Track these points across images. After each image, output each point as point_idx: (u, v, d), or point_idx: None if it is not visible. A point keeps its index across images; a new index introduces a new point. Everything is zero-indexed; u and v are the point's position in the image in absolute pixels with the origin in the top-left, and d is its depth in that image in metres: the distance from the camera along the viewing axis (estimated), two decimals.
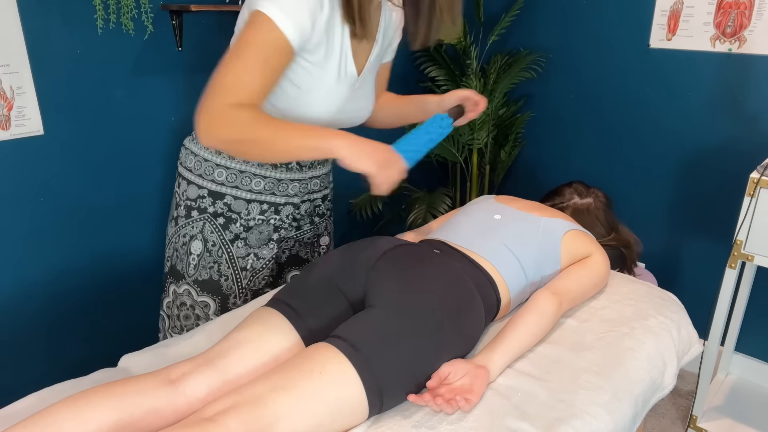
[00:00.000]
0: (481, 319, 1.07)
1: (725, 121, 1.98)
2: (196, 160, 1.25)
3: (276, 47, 1.02)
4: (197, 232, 1.26)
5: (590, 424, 0.94)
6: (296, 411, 0.82)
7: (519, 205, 1.35)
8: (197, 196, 1.25)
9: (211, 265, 1.28)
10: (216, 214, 1.25)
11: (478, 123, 2.31)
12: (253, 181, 1.25)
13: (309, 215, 1.38)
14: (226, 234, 1.26)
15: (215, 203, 1.25)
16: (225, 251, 1.27)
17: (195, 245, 1.27)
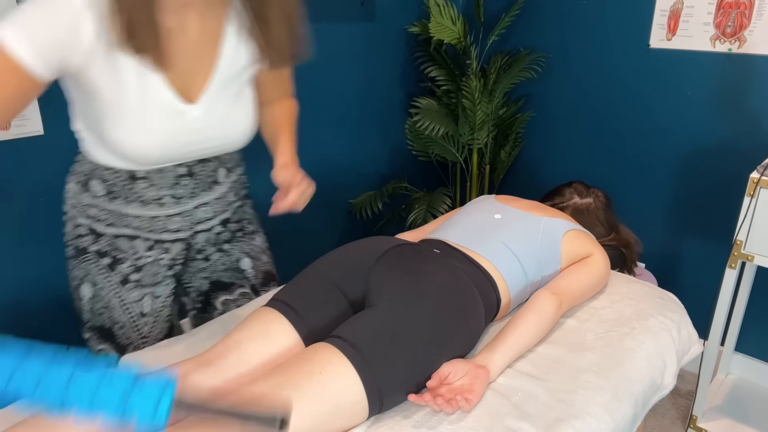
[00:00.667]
0: (481, 319, 1.07)
1: (725, 121, 1.98)
2: (73, 195, 1.12)
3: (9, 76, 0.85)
4: (84, 274, 1.13)
5: (590, 424, 0.94)
6: (296, 411, 0.82)
7: (519, 204, 1.35)
8: (77, 235, 1.13)
9: (102, 311, 1.14)
10: (100, 253, 1.11)
11: (478, 123, 2.31)
12: (126, 218, 1.11)
13: (212, 245, 1.23)
14: (114, 276, 1.12)
15: (97, 241, 1.11)
16: (114, 296, 1.13)
17: (84, 289, 1.14)
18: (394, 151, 2.56)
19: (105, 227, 1.11)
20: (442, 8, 2.21)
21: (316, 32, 2.06)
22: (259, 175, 1.55)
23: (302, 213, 2.36)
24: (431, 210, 2.30)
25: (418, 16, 2.42)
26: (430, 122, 2.34)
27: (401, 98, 2.51)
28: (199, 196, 1.15)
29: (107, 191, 1.08)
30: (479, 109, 2.28)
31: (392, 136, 2.52)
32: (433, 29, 2.18)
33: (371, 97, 2.38)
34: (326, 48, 2.11)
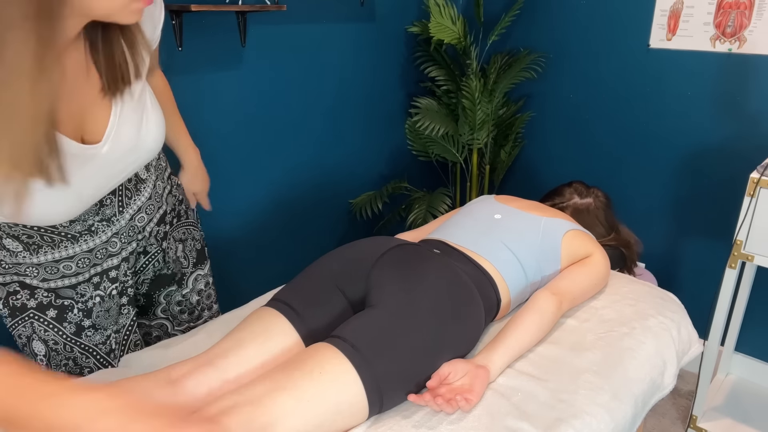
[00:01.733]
0: (481, 319, 1.07)
1: (725, 121, 1.98)
2: None
3: None
4: (30, 332, 1.01)
5: (590, 424, 0.94)
6: (296, 411, 0.82)
7: (519, 204, 1.35)
8: (7, 294, 0.99)
9: (65, 362, 1.04)
10: (41, 307, 0.99)
11: (478, 123, 2.31)
12: (60, 266, 0.98)
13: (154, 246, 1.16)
14: (66, 327, 1.01)
15: (34, 294, 0.98)
16: (75, 346, 1.03)
17: (36, 346, 1.02)
18: (394, 151, 2.56)
19: (36, 281, 0.98)
20: (442, 8, 2.21)
21: (316, 32, 2.06)
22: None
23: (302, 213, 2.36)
24: (431, 210, 2.30)
25: (418, 16, 2.42)
26: (430, 122, 2.34)
27: (401, 98, 2.51)
28: (129, 206, 1.04)
29: (26, 246, 0.93)
30: (479, 109, 2.28)
31: (392, 136, 2.52)
32: (433, 29, 2.18)
33: (371, 97, 2.38)
34: (326, 48, 2.11)
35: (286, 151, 2.10)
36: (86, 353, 1.05)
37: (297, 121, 2.09)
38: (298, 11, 1.96)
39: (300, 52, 2.03)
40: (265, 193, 2.09)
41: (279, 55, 1.97)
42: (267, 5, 1.74)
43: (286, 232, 2.20)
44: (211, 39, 1.77)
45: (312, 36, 2.05)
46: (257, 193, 2.06)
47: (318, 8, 2.03)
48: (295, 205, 2.20)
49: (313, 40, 2.06)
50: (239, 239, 2.04)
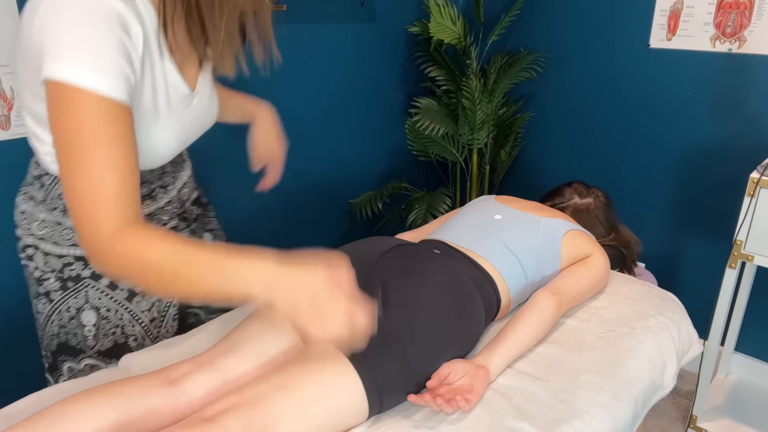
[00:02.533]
0: (481, 319, 1.07)
1: (725, 121, 1.98)
2: (45, 226, 1.02)
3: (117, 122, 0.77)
4: (83, 302, 1.05)
5: (590, 424, 0.94)
6: (296, 411, 0.82)
7: (519, 205, 1.35)
8: (63, 265, 1.03)
9: (112, 330, 1.09)
10: (96, 276, 1.04)
11: (478, 123, 2.31)
12: None
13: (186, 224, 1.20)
14: (118, 294, 1.07)
15: (88, 265, 1.03)
16: (125, 311, 1.09)
17: (86, 316, 1.06)
18: (394, 151, 2.56)
19: None
20: (442, 8, 2.21)
21: (316, 32, 2.06)
22: None
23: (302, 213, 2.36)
24: (431, 210, 2.30)
25: (418, 16, 2.42)
26: (430, 122, 2.34)
27: (401, 98, 2.51)
28: (178, 178, 1.13)
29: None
30: (479, 109, 2.28)
31: (392, 136, 2.52)
32: (433, 29, 2.18)
33: (371, 97, 2.38)
34: (326, 48, 2.11)
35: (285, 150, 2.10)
36: (133, 320, 1.10)
37: (296, 121, 2.09)
38: (298, 11, 1.96)
39: (300, 52, 2.03)
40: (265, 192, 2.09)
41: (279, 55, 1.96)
42: None
43: (286, 232, 2.20)
44: None
45: (312, 36, 2.05)
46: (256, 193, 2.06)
47: (318, 8, 2.03)
48: (295, 205, 2.20)
49: (313, 40, 2.06)
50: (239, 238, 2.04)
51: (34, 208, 1.02)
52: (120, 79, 0.77)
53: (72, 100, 0.74)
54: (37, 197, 1.02)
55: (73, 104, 0.74)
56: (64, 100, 0.74)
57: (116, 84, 0.76)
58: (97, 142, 0.75)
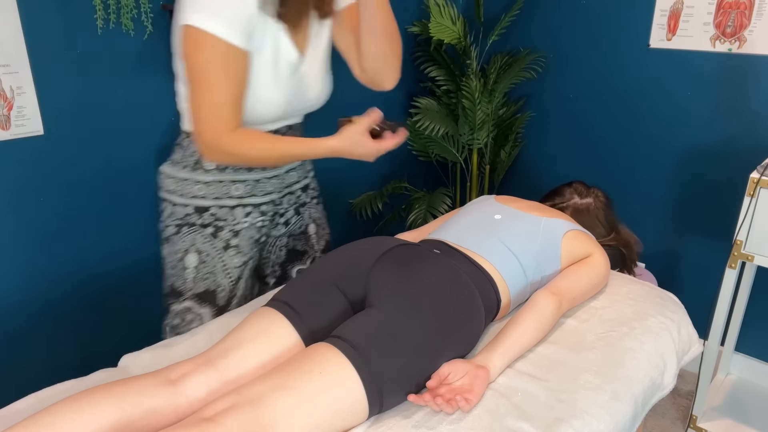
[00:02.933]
0: (481, 319, 1.07)
1: (725, 121, 1.98)
2: (175, 181, 1.27)
3: (230, 60, 1.03)
4: (189, 245, 1.27)
5: (590, 424, 0.94)
6: (296, 411, 0.82)
7: (519, 205, 1.35)
8: (184, 215, 1.27)
9: (207, 276, 1.28)
10: (204, 225, 1.26)
11: (478, 123, 2.31)
12: (232, 187, 1.26)
13: (293, 207, 1.40)
14: (217, 242, 1.27)
15: (201, 216, 1.26)
16: (219, 260, 1.28)
17: (189, 259, 1.27)
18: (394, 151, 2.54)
19: (209, 201, 1.26)
20: (442, 8, 2.21)
21: None
22: None
23: None
24: (431, 210, 2.30)
25: (418, 16, 2.42)
26: (430, 122, 2.34)
27: (401, 98, 2.51)
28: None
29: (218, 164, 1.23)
30: (479, 109, 2.28)
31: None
32: (433, 29, 2.18)
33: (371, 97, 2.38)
34: None
35: None
36: (224, 271, 1.29)
37: None
38: None
39: None
40: None
41: None
42: None
43: None
44: None
45: None
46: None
47: None
48: None
49: None
50: None
51: (171, 169, 1.28)
52: (237, 29, 1.02)
53: (199, 41, 1.01)
54: (175, 159, 1.28)
55: (200, 43, 1.01)
56: (194, 40, 1.02)
57: (233, 32, 1.02)
58: (216, 72, 1.03)
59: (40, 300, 1.59)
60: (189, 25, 1.01)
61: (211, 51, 1.02)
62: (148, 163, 1.73)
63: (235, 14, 1.01)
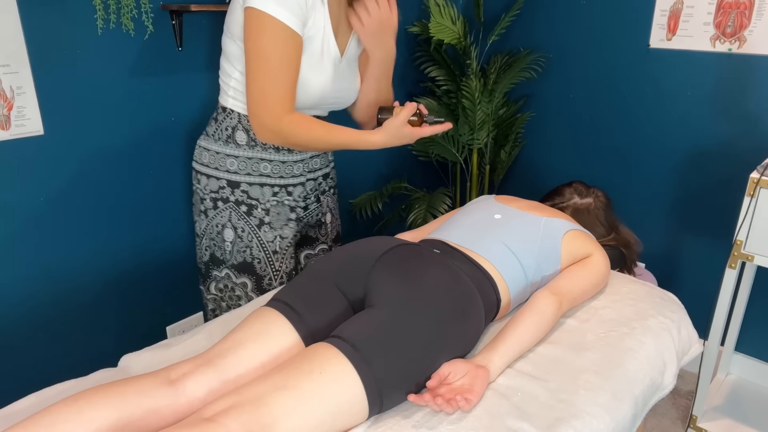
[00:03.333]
0: (481, 318, 1.07)
1: (725, 121, 1.98)
2: (209, 154, 1.35)
3: (289, 43, 1.15)
4: (226, 220, 1.37)
5: (590, 424, 0.94)
6: (296, 411, 0.82)
7: (519, 204, 1.35)
8: (218, 188, 1.36)
9: (244, 249, 1.38)
10: (238, 203, 1.36)
11: (478, 123, 2.31)
12: (261, 165, 1.34)
13: (314, 193, 1.47)
14: (251, 220, 1.37)
15: (234, 192, 1.35)
16: (254, 236, 1.38)
17: (227, 233, 1.38)
18: (394, 151, 2.56)
19: (241, 177, 1.34)
20: (442, 8, 2.21)
21: None
22: None
23: None
24: (431, 210, 2.30)
25: (418, 16, 2.42)
26: None
27: (401, 98, 2.51)
28: None
29: (248, 140, 1.32)
30: (479, 109, 2.28)
31: None
32: (433, 29, 2.18)
33: None
34: None
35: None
36: (260, 246, 1.38)
37: None
38: None
39: None
40: None
41: None
42: None
43: None
44: (211, 39, 1.77)
45: None
46: None
47: None
48: None
49: None
50: None
51: (206, 142, 1.36)
52: (297, 16, 1.14)
53: (263, 23, 1.12)
54: (209, 132, 1.36)
55: (263, 25, 1.12)
56: (258, 22, 1.13)
57: (294, 18, 1.14)
58: (277, 56, 1.14)
59: (40, 299, 1.59)
60: (253, 7, 1.11)
61: (273, 34, 1.12)
62: (148, 163, 1.73)
63: (296, 3, 1.13)
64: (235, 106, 1.31)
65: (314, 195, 1.47)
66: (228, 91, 1.31)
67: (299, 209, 1.42)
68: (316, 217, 1.50)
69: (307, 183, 1.43)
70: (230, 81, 1.29)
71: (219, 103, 1.35)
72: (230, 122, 1.32)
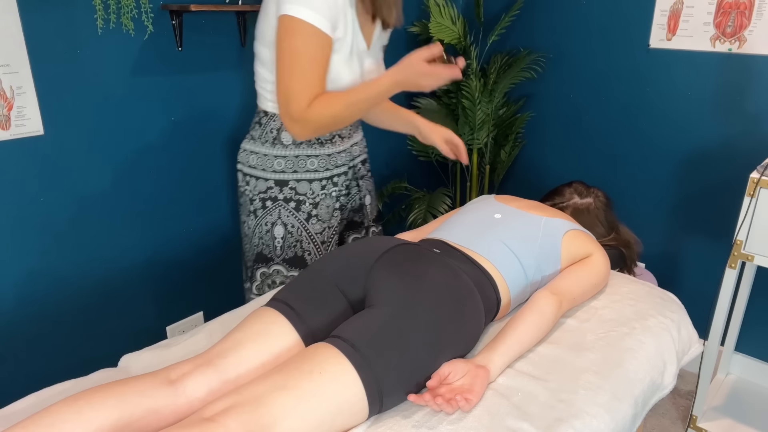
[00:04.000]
0: (481, 318, 1.07)
1: (725, 121, 1.98)
2: (257, 156, 1.41)
3: (319, 44, 1.22)
4: (276, 218, 1.43)
5: (590, 424, 0.94)
6: (296, 411, 0.82)
7: (519, 204, 1.35)
8: (266, 188, 1.42)
9: (294, 244, 1.44)
10: (287, 200, 1.42)
11: (478, 123, 2.31)
12: (308, 161, 1.41)
13: (355, 179, 1.54)
14: (300, 215, 1.43)
15: (282, 190, 1.41)
16: (303, 230, 1.44)
17: (277, 230, 1.43)
18: (394, 151, 2.56)
19: (288, 175, 1.40)
20: (442, 8, 2.21)
21: None
22: None
23: None
24: (431, 210, 2.30)
25: (418, 16, 2.42)
26: None
27: (401, 98, 2.51)
28: (353, 136, 1.49)
29: (294, 139, 1.38)
30: (479, 109, 2.28)
31: (392, 136, 2.52)
32: (433, 29, 2.18)
33: None
34: None
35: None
36: (309, 239, 1.44)
37: None
38: None
39: None
40: None
41: None
42: None
43: None
44: (211, 39, 1.77)
45: None
46: None
47: None
48: None
49: None
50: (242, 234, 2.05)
51: (252, 145, 1.42)
52: (327, 19, 1.22)
53: (295, 26, 1.20)
54: (254, 135, 1.42)
55: (295, 28, 1.20)
56: (291, 27, 1.20)
57: (324, 21, 1.21)
58: (306, 54, 1.22)
59: (40, 300, 1.59)
60: (289, 15, 1.20)
61: (304, 36, 1.20)
62: (149, 163, 1.73)
63: (327, 7, 1.21)
64: (276, 108, 1.37)
65: (354, 180, 1.54)
66: (267, 95, 1.37)
67: (342, 197, 1.49)
68: (359, 202, 1.57)
69: (349, 171, 1.50)
70: (267, 86, 1.36)
71: (259, 107, 1.41)
72: (274, 124, 1.38)
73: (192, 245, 1.91)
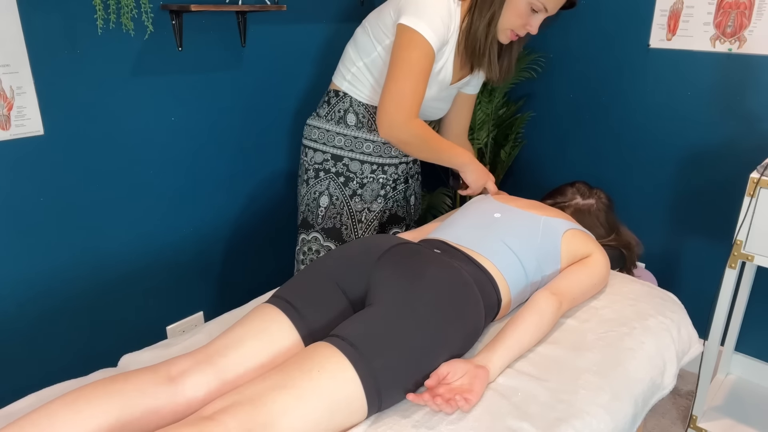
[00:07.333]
0: (481, 318, 1.07)
1: (725, 121, 1.98)
2: (320, 131, 1.56)
3: (429, 60, 1.35)
4: (324, 188, 1.57)
5: (590, 424, 0.94)
6: (295, 409, 0.82)
7: (519, 203, 1.35)
8: (322, 160, 1.56)
9: (335, 215, 1.57)
10: (338, 174, 1.56)
11: (478, 123, 2.31)
12: (365, 144, 1.54)
13: (404, 176, 1.65)
14: (346, 190, 1.56)
15: (336, 164, 1.55)
16: (346, 204, 1.57)
17: (323, 200, 1.58)
18: None
19: (345, 152, 1.54)
20: None
21: (317, 32, 2.06)
22: None
23: None
24: (431, 210, 2.30)
25: None
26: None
27: None
28: None
29: (357, 122, 1.53)
30: (479, 109, 2.28)
31: None
32: None
33: None
34: (327, 48, 2.11)
35: (286, 149, 2.10)
36: (349, 214, 1.58)
37: (297, 121, 2.09)
38: (298, 11, 1.96)
39: (300, 52, 2.03)
40: (267, 189, 2.09)
41: (279, 55, 1.97)
42: (267, 5, 1.74)
43: (286, 231, 2.20)
44: (211, 39, 1.77)
45: (312, 36, 2.05)
46: (260, 190, 2.06)
47: (318, 8, 2.03)
48: (295, 204, 2.20)
49: (313, 40, 2.06)
50: (241, 234, 2.04)
51: (317, 122, 1.57)
52: (440, 38, 1.35)
53: (414, 39, 1.32)
54: (320, 114, 1.57)
55: (414, 42, 1.32)
56: (412, 40, 1.32)
57: (437, 40, 1.34)
58: (420, 69, 1.34)
59: (39, 300, 1.59)
60: (408, 26, 1.31)
61: (421, 51, 1.32)
62: (149, 164, 1.73)
63: (442, 29, 1.34)
64: (350, 90, 1.51)
65: (404, 177, 1.65)
66: (346, 75, 1.50)
67: (388, 187, 1.60)
68: (404, 197, 1.68)
69: (400, 165, 1.62)
70: (351, 68, 1.49)
71: (332, 86, 1.55)
72: (343, 105, 1.52)
73: (192, 245, 1.91)
